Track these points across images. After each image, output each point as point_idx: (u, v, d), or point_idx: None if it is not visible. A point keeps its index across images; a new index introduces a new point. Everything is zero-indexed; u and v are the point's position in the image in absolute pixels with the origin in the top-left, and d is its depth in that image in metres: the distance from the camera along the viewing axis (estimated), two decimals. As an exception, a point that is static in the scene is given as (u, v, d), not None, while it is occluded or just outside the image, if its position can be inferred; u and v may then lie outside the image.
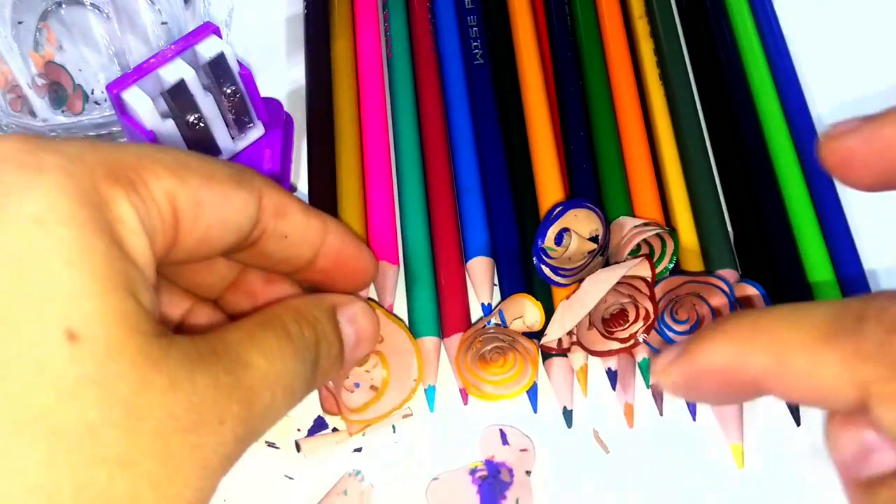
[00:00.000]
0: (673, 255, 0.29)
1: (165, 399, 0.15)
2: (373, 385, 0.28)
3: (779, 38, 0.36)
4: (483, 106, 0.34)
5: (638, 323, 0.28)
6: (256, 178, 0.19)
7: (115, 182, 0.16)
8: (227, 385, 0.16)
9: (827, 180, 0.33)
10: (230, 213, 0.18)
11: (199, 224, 0.18)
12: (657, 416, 0.29)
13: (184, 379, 0.15)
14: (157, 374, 0.15)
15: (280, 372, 0.18)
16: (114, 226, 0.15)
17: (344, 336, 0.22)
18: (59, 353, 0.14)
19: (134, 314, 0.15)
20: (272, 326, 0.19)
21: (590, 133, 0.33)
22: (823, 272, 0.30)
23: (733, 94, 0.35)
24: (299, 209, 0.21)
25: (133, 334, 0.15)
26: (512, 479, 0.28)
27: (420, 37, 0.36)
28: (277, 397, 0.18)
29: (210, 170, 0.18)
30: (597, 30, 0.36)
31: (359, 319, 0.23)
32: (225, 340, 0.17)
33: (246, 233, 0.19)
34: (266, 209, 0.20)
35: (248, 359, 0.17)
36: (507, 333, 0.28)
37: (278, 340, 0.18)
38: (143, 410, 0.14)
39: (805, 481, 0.28)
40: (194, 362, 0.16)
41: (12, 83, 0.32)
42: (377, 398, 0.28)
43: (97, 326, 0.14)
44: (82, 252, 0.14)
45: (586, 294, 0.28)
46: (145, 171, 0.17)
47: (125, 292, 0.15)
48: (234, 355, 0.17)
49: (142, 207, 0.16)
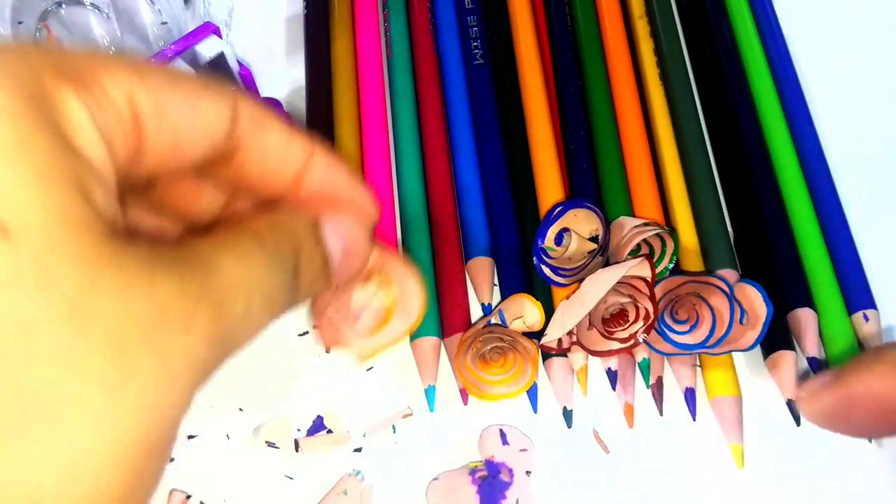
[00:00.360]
0: (673, 255, 0.29)
1: (119, 301, 0.14)
2: (378, 311, 0.28)
3: (779, 37, 0.36)
4: (483, 106, 0.34)
5: (638, 323, 0.28)
6: (231, 89, 0.18)
7: (62, 79, 0.15)
8: (195, 289, 0.15)
9: (826, 180, 0.33)
10: (199, 117, 0.17)
11: (164, 129, 0.16)
12: (657, 417, 0.29)
13: (143, 281, 0.14)
14: (108, 274, 0.14)
15: (254, 278, 0.17)
16: (60, 122, 0.14)
17: (330, 246, 0.21)
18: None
19: (81, 211, 0.14)
20: (244, 233, 0.18)
21: (590, 133, 0.33)
22: (823, 272, 0.30)
23: (733, 93, 0.35)
24: (280, 125, 0.20)
25: (80, 231, 0.14)
26: (512, 479, 0.28)
27: (420, 37, 0.36)
28: (254, 304, 0.17)
29: (174, 74, 0.17)
30: (597, 30, 0.36)
31: (345, 229, 0.21)
32: (193, 248, 0.16)
33: (218, 141, 0.18)
34: (241, 118, 0.18)
35: (218, 263, 0.16)
36: (507, 333, 0.28)
37: (252, 246, 0.18)
38: (91, 311, 0.13)
39: (805, 481, 0.28)
40: (155, 265, 0.15)
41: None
42: (383, 323, 0.28)
43: (34, 219, 0.13)
44: (18, 144, 0.14)
45: (586, 294, 0.28)
46: (99, 70, 0.15)
47: (72, 188, 0.14)
48: (202, 261, 0.16)
49: (94, 106, 0.15)
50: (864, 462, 0.28)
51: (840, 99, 0.36)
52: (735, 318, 0.28)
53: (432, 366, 0.29)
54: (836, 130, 0.35)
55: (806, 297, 0.30)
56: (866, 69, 0.37)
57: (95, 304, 0.13)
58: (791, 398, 0.28)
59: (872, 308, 0.30)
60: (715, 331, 0.28)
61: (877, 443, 0.28)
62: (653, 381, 0.29)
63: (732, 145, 0.33)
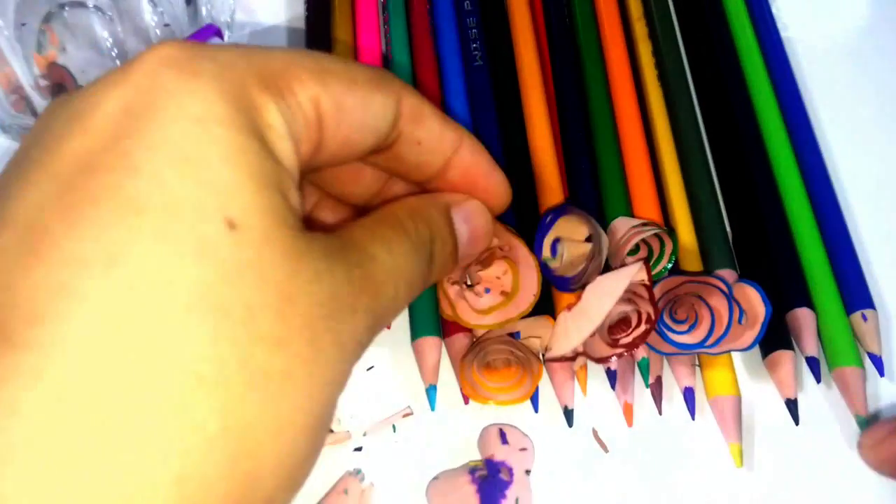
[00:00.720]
0: (672, 256, 0.30)
1: (311, 287, 0.16)
2: (503, 290, 0.29)
3: (776, 38, 0.37)
4: (482, 107, 0.34)
5: (641, 327, 0.28)
6: (395, 81, 0.20)
7: (264, 89, 0.17)
8: (359, 277, 0.17)
9: (825, 180, 0.33)
10: (370, 116, 0.19)
11: (340, 128, 0.18)
12: (656, 416, 0.29)
13: (325, 270, 0.16)
14: (304, 265, 0.16)
15: (402, 266, 0.19)
16: (264, 130, 0.16)
17: (458, 233, 0.22)
18: (220, 239, 0.15)
19: (283, 210, 0.16)
20: (390, 224, 0.20)
21: (589, 134, 0.33)
22: (822, 272, 0.30)
23: (731, 94, 0.35)
24: (436, 116, 0.21)
25: (283, 228, 0.16)
26: (511, 479, 0.28)
27: (420, 38, 0.36)
28: (400, 290, 0.19)
29: (351, 74, 0.19)
30: (595, 31, 0.36)
31: (473, 217, 0.23)
32: (352, 237, 0.18)
33: (384, 136, 0.20)
34: (403, 113, 0.20)
35: (374, 253, 0.18)
36: (519, 348, 0.28)
37: (397, 236, 0.19)
38: (294, 296, 0.15)
39: (804, 481, 0.28)
40: (331, 256, 0.17)
41: (15, 85, 0.33)
42: (505, 303, 0.28)
43: (254, 217, 0.15)
44: (238, 151, 0.15)
45: (591, 306, 0.28)
46: (292, 78, 0.17)
47: (275, 190, 0.16)
48: (362, 250, 0.18)
49: (288, 113, 0.17)
50: (864, 462, 0.28)
51: (839, 99, 0.36)
52: (734, 317, 0.28)
53: (434, 366, 0.29)
54: (835, 130, 0.35)
55: (804, 297, 0.30)
56: (865, 69, 0.37)
57: (296, 290, 0.16)
58: (790, 397, 0.28)
59: (871, 308, 0.30)
60: (714, 331, 0.28)
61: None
62: (652, 380, 0.29)
63: (731, 145, 0.34)
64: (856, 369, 0.29)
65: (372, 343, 0.18)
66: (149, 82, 0.16)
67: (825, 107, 0.36)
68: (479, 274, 0.29)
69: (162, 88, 0.16)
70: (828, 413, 0.29)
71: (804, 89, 0.36)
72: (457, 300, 0.29)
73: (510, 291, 0.29)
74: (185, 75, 0.16)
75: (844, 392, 0.29)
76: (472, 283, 0.29)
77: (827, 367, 0.29)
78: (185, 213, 0.15)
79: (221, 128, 0.15)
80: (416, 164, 0.22)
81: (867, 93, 0.37)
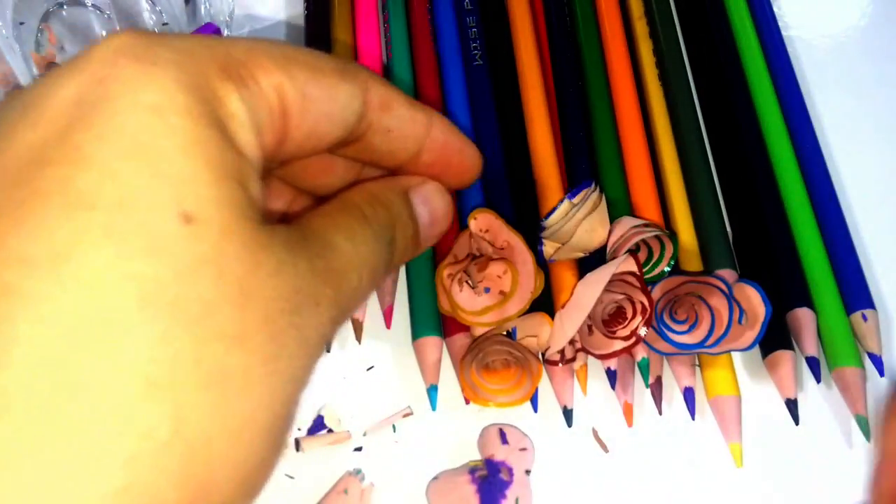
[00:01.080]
0: (671, 259, 0.29)
1: (273, 281, 0.15)
2: (501, 290, 0.29)
3: (777, 38, 0.37)
4: (482, 106, 0.34)
5: (636, 318, 0.28)
6: (362, 71, 0.20)
7: (226, 78, 0.16)
8: (321, 268, 0.17)
9: (825, 179, 0.33)
10: (336, 106, 0.19)
11: (306, 118, 0.18)
12: (656, 416, 0.29)
13: (287, 263, 0.16)
14: (265, 258, 0.15)
15: (364, 254, 0.18)
16: (225, 120, 0.16)
17: (418, 216, 0.22)
18: (176, 233, 0.14)
19: (243, 202, 0.15)
20: (350, 211, 0.19)
21: (589, 133, 0.33)
22: (822, 272, 0.30)
23: (732, 94, 0.35)
24: (404, 102, 0.21)
25: (243, 220, 0.15)
26: (511, 479, 0.28)
27: (420, 38, 0.36)
28: (363, 279, 0.18)
29: (317, 63, 0.18)
30: (596, 30, 0.36)
31: (431, 199, 0.23)
32: (312, 227, 0.18)
33: (352, 126, 0.19)
34: (371, 102, 0.20)
35: (335, 242, 0.18)
36: (517, 348, 0.28)
37: (358, 224, 0.19)
38: (255, 290, 0.15)
39: (804, 481, 0.28)
40: (293, 248, 0.16)
41: (13, 84, 0.32)
42: (502, 304, 0.28)
43: (211, 210, 0.15)
44: (196, 142, 0.15)
45: (581, 297, 0.28)
46: (255, 67, 0.17)
47: (235, 182, 0.15)
48: (322, 240, 0.18)
49: (251, 103, 0.17)
50: (863, 462, 0.28)
51: (840, 99, 0.36)
52: (734, 317, 0.28)
53: (435, 365, 0.29)
54: (836, 130, 0.35)
55: (805, 297, 0.30)
56: (867, 69, 0.37)
57: (257, 284, 0.15)
58: (790, 397, 0.28)
59: (871, 308, 0.30)
60: (714, 331, 0.28)
61: (875, 441, 0.28)
62: (652, 380, 0.29)
63: (731, 145, 0.34)
64: (856, 369, 0.29)
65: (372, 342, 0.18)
66: (103, 71, 0.15)
67: (826, 107, 0.36)
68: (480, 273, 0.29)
69: (116, 78, 0.15)
70: (828, 413, 0.29)
71: (805, 89, 0.36)
72: (455, 297, 0.29)
73: (508, 291, 0.29)
74: (142, 64, 0.15)
75: (844, 392, 0.29)
76: (473, 284, 0.29)
77: (827, 367, 0.29)
78: (137, 208, 0.14)
79: (178, 118, 0.15)
80: (388, 151, 0.21)
81: (868, 93, 0.37)
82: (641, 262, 0.29)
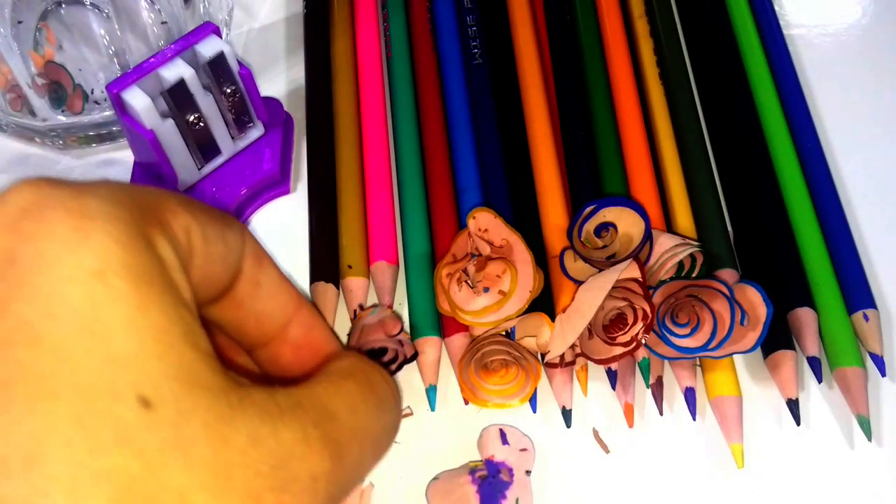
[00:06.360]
0: (701, 268, 0.30)
1: (247, 457, 0.14)
2: (500, 290, 0.28)
3: (779, 37, 0.36)
4: (482, 106, 0.34)
5: (637, 325, 0.28)
6: (238, 221, 0.19)
7: (153, 222, 0.15)
8: (317, 439, 0.16)
9: (826, 179, 0.33)
10: (228, 249, 0.18)
11: (206, 260, 0.17)
12: (657, 416, 0.29)
13: (266, 435, 0.15)
14: (231, 433, 0.14)
15: (367, 424, 0.17)
16: (161, 268, 0.15)
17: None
18: (137, 421, 0.13)
19: (196, 369, 0.15)
20: (355, 378, 0.18)
21: (589, 133, 0.33)
22: (823, 271, 0.30)
23: (733, 93, 0.35)
24: (275, 266, 0.20)
25: (200, 392, 0.14)
26: (512, 479, 0.28)
27: (419, 37, 0.36)
28: (366, 452, 0.17)
29: (207, 208, 0.18)
30: (596, 29, 0.36)
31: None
32: (312, 393, 0.17)
33: (234, 272, 0.19)
34: (247, 253, 0.19)
35: (335, 411, 0.17)
36: (515, 348, 0.28)
37: (362, 391, 0.18)
38: (228, 471, 0.14)
39: (805, 481, 0.28)
40: (276, 417, 0.15)
41: (12, 83, 0.32)
42: (500, 304, 0.28)
43: (164, 390, 0.14)
44: (139, 307, 0.14)
45: (583, 304, 0.28)
46: (166, 210, 0.16)
47: (184, 344, 0.15)
48: (321, 408, 0.16)
49: (174, 244, 0.16)
50: (864, 462, 0.28)
51: (841, 98, 0.36)
52: (735, 320, 0.28)
53: (434, 365, 0.29)
54: (837, 129, 0.35)
55: (806, 297, 0.30)
56: (868, 68, 0.37)
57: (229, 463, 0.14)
58: (791, 397, 0.28)
59: (872, 308, 0.30)
60: (716, 334, 0.28)
61: (877, 442, 0.28)
62: (653, 380, 0.29)
63: (732, 145, 0.33)
64: (857, 369, 0.28)
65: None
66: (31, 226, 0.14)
67: (827, 106, 0.36)
68: (479, 273, 0.29)
69: (51, 235, 0.14)
70: (829, 413, 0.29)
71: (806, 88, 0.36)
72: (454, 297, 0.29)
73: (507, 291, 0.29)
74: (75, 219, 0.14)
75: (846, 392, 0.28)
76: (472, 284, 0.29)
77: (828, 367, 0.29)
78: (98, 395, 0.13)
79: (120, 280, 0.14)
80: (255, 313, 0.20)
81: (870, 93, 0.36)
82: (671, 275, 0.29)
